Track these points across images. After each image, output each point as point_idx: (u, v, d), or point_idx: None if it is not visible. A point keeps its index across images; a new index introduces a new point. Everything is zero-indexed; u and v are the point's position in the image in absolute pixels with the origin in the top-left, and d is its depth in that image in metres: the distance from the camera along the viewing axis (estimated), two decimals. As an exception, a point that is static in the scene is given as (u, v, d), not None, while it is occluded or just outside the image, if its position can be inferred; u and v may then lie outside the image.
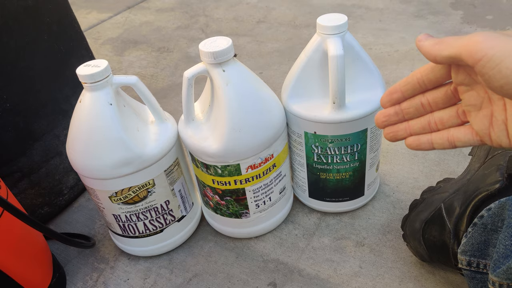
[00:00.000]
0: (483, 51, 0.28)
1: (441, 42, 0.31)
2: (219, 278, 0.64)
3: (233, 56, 0.54)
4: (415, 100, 0.37)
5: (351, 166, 0.63)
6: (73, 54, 0.76)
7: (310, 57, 0.58)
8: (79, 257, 0.71)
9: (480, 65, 0.28)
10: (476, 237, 0.46)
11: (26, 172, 0.71)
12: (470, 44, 0.28)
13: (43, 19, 0.69)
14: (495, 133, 0.31)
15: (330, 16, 0.56)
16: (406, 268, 0.62)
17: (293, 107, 0.60)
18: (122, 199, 0.59)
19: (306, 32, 1.34)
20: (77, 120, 0.55)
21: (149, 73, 1.24)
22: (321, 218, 0.71)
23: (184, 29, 1.48)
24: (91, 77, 0.52)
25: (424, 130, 0.37)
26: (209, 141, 0.57)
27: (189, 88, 0.55)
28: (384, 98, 0.38)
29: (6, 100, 0.64)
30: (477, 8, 1.33)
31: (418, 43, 0.33)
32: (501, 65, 0.27)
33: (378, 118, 0.38)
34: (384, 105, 0.38)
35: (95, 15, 1.70)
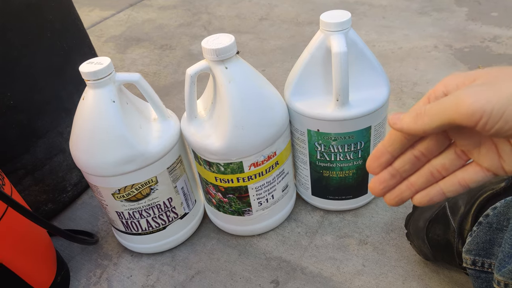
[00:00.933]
0: (480, 110, 0.25)
1: (422, 114, 0.29)
2: (222, 275, 0.64)
3: (236, 53, 0.54)
4: (406, 155, 0.33)
5: (354, 164, 0.63)
6: (76, 52, 0.76)
7: (313, 54, 0.58)
8: (82, 254, 0.71)
9: (482, 124, 0.26)
10: (481, 236, 0.46)
11: (30, 169, 0.71)
12: (462, 107, 0.26)
13: (46, 16, 0.69)
14: (508, 164, 0.29)
15: (334, 13, 0.56)
16: (409, 267, 0.61)
17: (296, 105, 0.60)
18: (125, 196, 0.59)
19: (308, 29, 1.34)
20: (80, 118, 0.55)
21: (152, 70, 1.24)
22: (324, 216, 0.71)
23: (186, 27, 1.48)
24: (94, 74, 0.52)
25: (429, 182, 0.33)
26: (212, 139, 0.57)
27: (191, 85, 0.55)
28: (371, 164, 0.34)
29: (10, 98, 0.64)
30: (482, 5, 1.32)
31: (395, 126, 0.30)
32: (506, 114, 0.25)
33: (375, 187, 0.35)
34: (373, 172, 0.35)
35: (97, 12, 1.70)
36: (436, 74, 1.03)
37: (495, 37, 1.14)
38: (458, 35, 1.18)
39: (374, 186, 0.35)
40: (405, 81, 1.02)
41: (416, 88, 0.99)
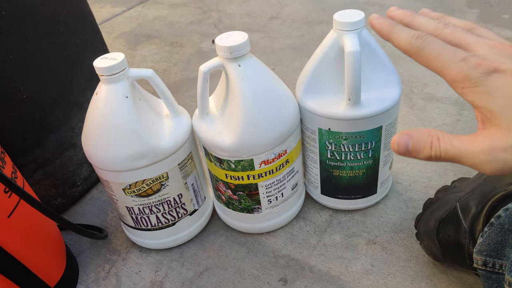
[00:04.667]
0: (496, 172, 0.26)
1: (437, 146, 0.28)
2: (230, 272, 0.65)
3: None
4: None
5: (364, 163, 0.63)
6: (88, 47, 0.77)
7: (326, 53, 0.58)
8: (91, 248, 0.72)
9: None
10: (493, 237, 0.46)
11: (41, 163, 0.71)
12: (477, 168, 0.26)
13: (59, 11, 0.70)
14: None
15: (347, 12, 0.56)
16: (418, 267, 0.61)
17: (308, 103, 0.60)
18: (136, 191, 0.60)
19: (319, 28, 1.33)
20: (93, 112, 0.56)
21: (162, 67, 1.24)
22: (332, 215, 0.71)
23: (197, 24, 1.48)
24: (108, 69, 0.52)
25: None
26: (223, 136, 0.57)
27: (204, 82, 0.55)
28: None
29: (23, 92, 0.65)
30: (493, 7, 1.31)
31: (407, 155, 0.29)
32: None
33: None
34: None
35: (108, 9, 1.70)
36: (446, 76, 1.02)
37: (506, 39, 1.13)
38: (469, 37, 1.17)
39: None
40: (415, 82, 1.01)
41: (426, 89, 0.98)
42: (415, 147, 0.28)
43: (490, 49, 0.28)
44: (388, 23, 0.31)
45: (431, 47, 0.28)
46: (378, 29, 0.31)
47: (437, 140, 0.28)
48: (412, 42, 0.29)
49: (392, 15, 0.33)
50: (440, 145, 0.27)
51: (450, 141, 0.27)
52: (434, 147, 0.28)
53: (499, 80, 0.26)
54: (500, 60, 0.26)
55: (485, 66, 0.26)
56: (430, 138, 0.28)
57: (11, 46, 0.62)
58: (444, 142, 0.27)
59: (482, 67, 0.26)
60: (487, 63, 0.26)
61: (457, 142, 0.27)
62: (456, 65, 0.27)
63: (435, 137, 0.28)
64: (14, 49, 0.63)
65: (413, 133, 0.29)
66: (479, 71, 0.26)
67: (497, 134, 0.25)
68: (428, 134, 0.28)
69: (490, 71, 0.26)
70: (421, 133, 0.28)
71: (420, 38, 0.29)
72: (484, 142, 0.26)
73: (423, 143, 0.28)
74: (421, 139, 0.28)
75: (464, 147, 0.27)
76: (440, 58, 0.28)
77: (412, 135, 0.29)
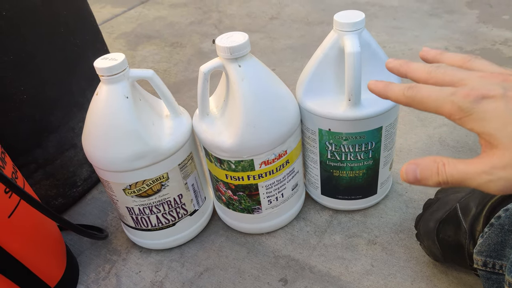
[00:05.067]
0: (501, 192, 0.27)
1: (443, 171, 0.29)
2: (230, 272, 0.65)
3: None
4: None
5: (364, 164, 0.63)
6: (88, 48, 0.77)
7: (326, 54, 0.58)
8: (91, 249, 0.72)
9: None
10: (493, 238, 0.46)
11: (41, 163, 0.71)
12: (483, 189, 0.28)
13: (60, 12, 0.70)
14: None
15: (347, 13, 0.56)
16: (418, 268, 0.61)
17: (308, 104, 0.60)
18: (136, 192, 0.60)
19: (319, 29, 1.33)
20: (93, 113, 0.56)
21: (162, 68, 1.24)
22: (333, 216, 0.71)
23: (197, 25, 1.48)
24: (109, 70, 0.52)
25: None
26: (224, 136, 0.57)
27: (204, 82, 0.55)
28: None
29: (23, 92, 0.65)
30: (493, 8, 1.31)
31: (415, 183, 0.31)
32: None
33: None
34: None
35: (109, 9, 1.71)
36: (446, 76, 1.02)
37: (506, 40, 1.14)
38: (469, 38, 1.17)
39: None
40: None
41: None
42: (423, 175, 0.30)
43: (480, 79, 0.30)
44: (384, 84, 0.34)
45: (422, 92, 0.31)
46: (375, 91, 0.34)
47: (442, 166, 0.29)
48: (405, 94, 0.32)
49: (390, 66, 0.36)
50: (446, 171, 0.29)
51: (455, 166, 0.29)
52: (441, 173, 0.29)
53: (490, 105, 0.28)
54: (488, 87, 0.28)
55: (474, 95, 0.28)
56: (436, 165, 0.29)
57: (12, 47, 0.62)
58: (449, 167, 0.29)
59: (471, 96, 0.28)
60: (475, 92, 0.28)
61: (461, 166, 0.28)
62: (448, 101, 0.29)
63: (441, 163, 0.29)
64: (14, 50, 0.63)
65: (419, 162, 0.30)
66: (469, 100, 0.28)
67: (496, 154, 0.27)
68: (434, 161, 0.30)
69: (480, 99, 0.28)
70: (427, 161, 0.30)
71: (411, 88, 0.31)
72: (485, 163, 0.27)
73: (430, 170, 0.30)
74: (428, 166, 0.30)
75: (468, 170, 0.28)
76: (432, 99, 0.30)
77: (418, 163, 0.30)
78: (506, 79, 0.29)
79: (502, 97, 0.27)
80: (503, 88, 0.28)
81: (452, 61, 0.34)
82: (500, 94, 0.28)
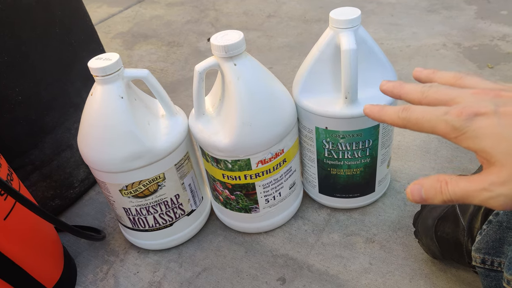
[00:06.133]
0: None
1: (445, 189, 0.29)
2: (228, 272, 0.64)
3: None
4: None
5: (362, 162, 0.63)
6: (84, 48, 0.76)
7: (323, 51, 0.57)
8: (89, 250, 0.72)
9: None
10: (491, 235, 0.46)
11: (37, 164, 0.71)
12: (487, 205, 0.28)
13: (55, 12, 0.69)
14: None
15: (343, 10, 0.56)
16: (416, 266, 0.61)
17: (305, 102, 0.60)
18: (133, 192, 0.59)
19: (316, 27, 1.33)
20: (88, 113, 0.56)
21: (159, 67, 1.24)
22: (331, 214, 0.71)
23: (194, 24, 1.48)
24: (103, 70, 0.52)
25: None
26: (220, 136, 0.57)
27: (200, 82, 0.55)
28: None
29: (18, 93, 0.64)
30: (491, 3, 1.31)
31: (419, 201, 0.31)
32: None
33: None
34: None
35: (105, 9, 1.70)
36: (444, 73, 1.02)
37: (504, 36, 1.13)
38: (467, 34, 1.17)
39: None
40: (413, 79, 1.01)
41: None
42: (428, 195, 0.30)
43: (472, 97, 0.30)
44: (378, 108, 0.34)
45: (416, 114, 0.31)
46: (371, 115, 0.34)
47: (445, 185, 0.29)
48: (400, 116, 0.32)
49: (384, 89, 0.36)
50: (449, 189, 0.29)
51: (457, 184, 0.29)
52: (444, 192, 0.29)
53: (482, 122, 0.28)
54: (479, 105, 0.29)
55: (466, 113, 0.28)
56: (439, 184, 0.30)
57: (6, 47, 0.62)
58: (452, 185, 0.29)
59: (464, 114, 0.28)
60: (467, 110, 0.28)
61: (463, 183, 0.29)
62: (442, 120, 0.29)
63: (443, 182, 0.29)
64: (8, 50, 0.62)
65: (423, 182, 0.30)
66: (462, 119, 0.28)
67: (493, 171, 0.27)
68: (437, 180, 0.30)
69: (472, 116, 0.28)
70: (430, 180, 0.30)
71: (405, 110, 0.32)
72: (484, 180, 0.28)
73: (434, 189, 0.30)
74: (431, 186, 0.30)
75: (470, 188, 0.28)
76: (426, 120, 0.30)
77: (423, 183, 0.30)
78: (498, 95, 0.29)
79: (494, 113, 0.28)
80: (494, 104, 0.28)
81: (444, 79, 0.34)
82: (492, 111, 0.28)
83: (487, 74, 1.00)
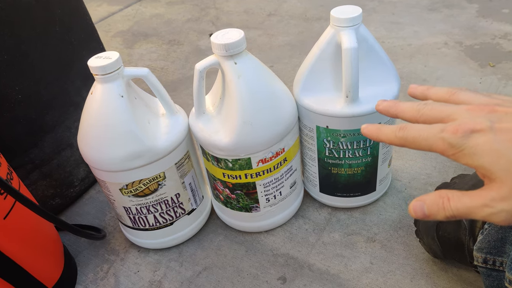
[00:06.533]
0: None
1: (447, 205, 0.30)
2: (229, 271, 0.64)
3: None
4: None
5: (363, 161, 0.63)
6: (84, 46, 0.76)
7: (323, 50, 0.57)
8: (90, 249, 0.71)
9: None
10: (493, 234, 0.45)
11: (37, 163, 0.71)
12: (489, 220, 0.28)
13: (54, 10, 0.69)
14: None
15: (344, 8, 0.56)
16: (418, 265, 0.61)
17: (305, 101, 0.60)
18: (133, 191, 0.59)
19: (317, 25, 1.33)
20: (88, 112, 0.55)
21: (159, 66, 1.24)
22: (331, 213, 0.71)
23: (194, 22, 1.47)
24: (103, 69, 0.52)
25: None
26: (220, 135, 0.56)
27: (200, 80, 0.54)
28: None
29: (18, 92, 0.64)
30: (492, 2, 1.30)
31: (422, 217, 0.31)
32: None
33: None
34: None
35: (105, 7, 1.70)
36: (446, 71, 1.02)
37: (505, 34, 1.13)
38: (469, 32, 1.17)
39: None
40: (414, 78, 1.01)
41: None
42: (430, 211, 0.30)
43: (467, 113, 0.30)
44: (375, 127, 0.34)
45: (412, 132, 0.31)
46: (368, 134, 0.35)
47: (447, 201, 0.29)
48: (397, 135, 0.32)
49: (380, 109, 0.36)
50: (451, 205, 0.29)
51: (459, 200, 0.29)
52: (447, 208, 0.29)
53: (479, 139, 0.28)
54: (475, 121, 0.29)
55: (462, 130, 0.28)
56: (441, 200, 0.30)
57: (6, 46, 0.62)
58: (454, 201, 0.29)
59: (460, 131, 0.28)
60: (463, 127, 0.29)
61: (465, 199, 0.29)
62: (438, 138, 0.29)
63: (446, 198, 0.29)
64: (8, 49, 0.62)
65: (425, 198, 0.30)
66: (458, 136, 0.28)
67: (494, 188, 0.28)
68: (440, 197, 0.30)
69: (468, 133, 0.28)
70: (432, 196, 0.30)
71: (401, 129, 0.32)
72: (485, 196, 0.28)
73: (436, 206, 0.30)
74: (434, 202, 0.30)
75: (473, 203, 0.28)
76: (423, 138, 0.30)
77: (425, 200, 0.30)
78: (492, 110, 0.29)
79: (490, 129, 0.28)
80: (489, 120, 0.28)
81: (438, 96, 0.34)
82: (488, 127, 0.28)
83: (488, 72, 0.99)
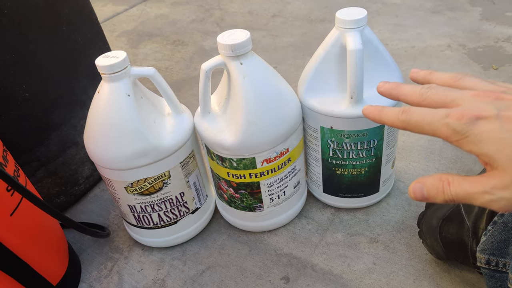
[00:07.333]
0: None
1: (447, 189, 0.29)
2: (232, 271, 0.64)
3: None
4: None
5: (367, 162, 0.63)
6: (90, 46, 0.77)
7: (328, 51, 0.58)
8: (94, 247, 0.72)
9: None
10: (496, 236, 0.46)
11: (43, 161, 0.71)
12: (488, 206, 0.28)
13: (62, 11, 0.70)
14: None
15: (349, 10, 0.56)
16: (420, 266, 0.61)
17: (310, 102, 0.60)
18: (138, 190, 0.60)
19: (321, 26, 1.33)
20: (95, 111, 0.56)
21: (164, 66, 1.24)
22: (335, 214, 0.71)
23: (199, 23, 1.48)
24: (110, 68, 0.52)
25: None
26: (225, 134, 0.57)
27: (206, 80, 0.55)
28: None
29: (25, 90, 0.65)
30: (496, 5, 1.31)
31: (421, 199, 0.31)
32: None
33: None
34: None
35: (111, 7, 1.70)
36: (449, 74, 1.02)
37: (509, 37, 1.13)
38: (472, 35, 1.17)
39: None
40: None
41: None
42: (430, 194, 0.30)
43: (472, 99, 0.30)
44: (377, 109, 0.33)
45: (416, 116, 0.31)
46: (370, 116, 0.34)
47: (447, 185, 0.29)
48: (400, 118, 0.31)
49: (381, 90, 0.35)
50: (451, 190, 0.29)
51: (460, 184, 0.29)
52: (446, 192, 0.29)
53: (485, 126, 0.27)
54: (481, 107, 0.28)
55: (467, 116, 0.28)
56: (441, 184, 0.29)
57: (13, 45, 0.62)
58: (454, 186, 0.29)
59: (465, 118, 0.28)
60: (469, 113, 0.28)
61: (465, 185, 0.29)
62: (443, 123, 0.29)
63: (446, 182, 0.29)
64: (16, 48, 0.63)
65: (425, 180, 0.30)
66: (463, 122, 0.28)
67: (496, 175, 0.27)
68: (440, 180, 0.30)
69: (474, 120, 0.28)
70: (433, 179, 0.30)
71: (405, 113, 0.31)
72: (486, 183, 0.28)
73: (436, 189, 0.30)
74: (433, 185, 0.30)
75: (473, 189, 0.28)
76: (427, 123, 0.30)
77: (425, 182, 0.30)
78: (499, 97, 0.29)
79: (497, 117, 0.27)
80: (496, 108, 0.28)
81: (442, 80, 0.34)
82: (494, 115, 0.27)
83: (492, 75, 1.00)
